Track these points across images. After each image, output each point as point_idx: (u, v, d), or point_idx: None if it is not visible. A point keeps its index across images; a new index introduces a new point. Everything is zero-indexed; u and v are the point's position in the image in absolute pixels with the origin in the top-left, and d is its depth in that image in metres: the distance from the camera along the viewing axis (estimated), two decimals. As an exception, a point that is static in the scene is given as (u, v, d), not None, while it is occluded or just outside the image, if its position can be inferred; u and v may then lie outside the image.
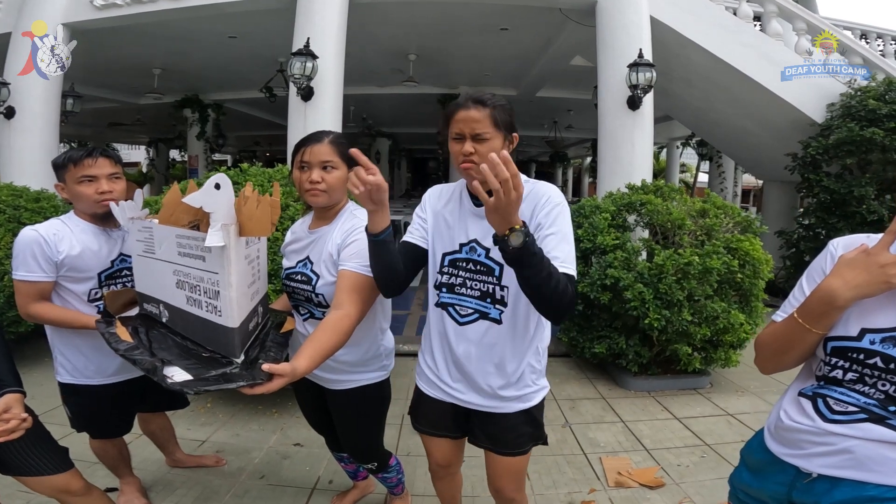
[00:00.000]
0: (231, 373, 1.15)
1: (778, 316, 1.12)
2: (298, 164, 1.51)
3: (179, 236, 1.28)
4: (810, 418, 1.02)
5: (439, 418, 1.52)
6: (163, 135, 14.26)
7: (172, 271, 1.33)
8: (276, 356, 1.29)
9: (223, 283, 1.17)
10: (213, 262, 1.18)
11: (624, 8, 4.80)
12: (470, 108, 1.30)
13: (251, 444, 2.72)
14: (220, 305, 1.20)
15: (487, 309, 1.37)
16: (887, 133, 5.09)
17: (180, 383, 1.08)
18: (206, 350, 1.27)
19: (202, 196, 1.13)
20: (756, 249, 3.39)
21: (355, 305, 1.37)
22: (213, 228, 1.13)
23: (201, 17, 5.53)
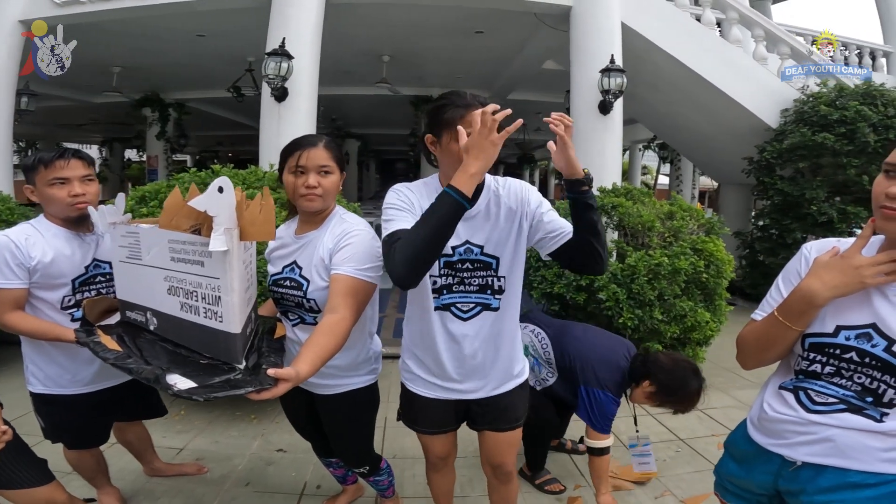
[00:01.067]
0: (236, 379, 1.14)
1: (757, 315, 1.19)
2: (292, 169, 1.48)
3: (172, 241, 1.25)
4: (793, 409, 1.08)
5: (440, 416, 1.55)
6: (118, 134, 13.71)
7: (163, 277, 1.30)
8: (277, 361, 1.29)
9: (225, 289, 1.16)
10: (214, 267, 1.16)
11: (597, 14, 4.93)
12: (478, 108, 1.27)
13: (232, 450, 2.66)
14: (222, 311, 1.18)
15: (488, 300, 1.44)
16: (837, 138, 5.37)
17: (186, 391, 1.06)
18: (204, 357, 1.24)
19: (206, 200, 1.13)
20: (720, 250, 3.55)
21: (350, 309, 1.37)
22: (216, 233, 1.11)
23: (169, 15, 5.39)
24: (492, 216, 1.41)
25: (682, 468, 2.60)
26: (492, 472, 1.64)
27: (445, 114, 1.33)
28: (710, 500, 2.29)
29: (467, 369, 1.47)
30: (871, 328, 1.00)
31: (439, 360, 1.46)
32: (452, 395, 1.50)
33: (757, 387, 3.57)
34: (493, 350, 1.47)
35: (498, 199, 1.42)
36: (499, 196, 1.42)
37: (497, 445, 1.58)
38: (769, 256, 5.99)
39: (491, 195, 1.42)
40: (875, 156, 5.39)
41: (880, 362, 0.98)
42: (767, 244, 6.10)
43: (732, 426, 3.02)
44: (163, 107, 9.95)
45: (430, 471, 1.72)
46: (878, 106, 5.48)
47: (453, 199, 1.17)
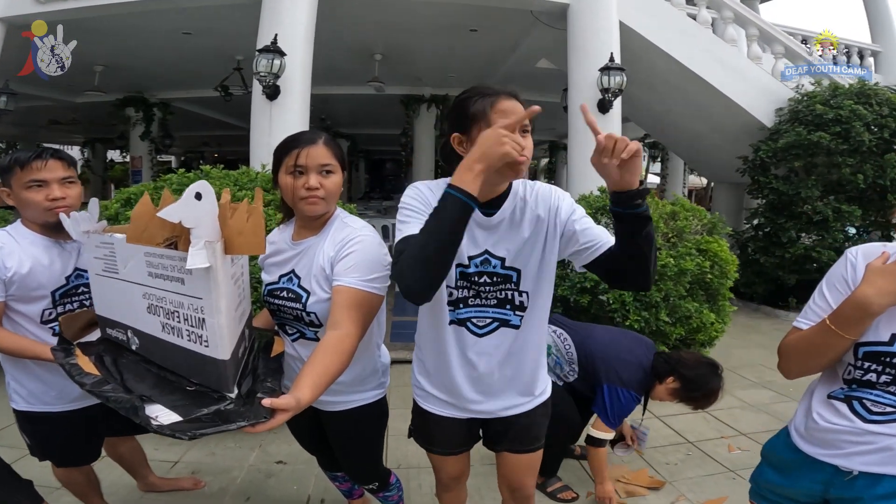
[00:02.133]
0: (227, 410, 1.00)
1: (801, 323, 1.15)
2: (289, 169, 1.34)
3: (149, 255, 1.11)
4: (848, 419, 1.06)
5: (454, 436, 1.45)
6: (100, 134, 13.39)
7: (142, 294, 1.16)
8: (273, 386, 1.15)
9: (209, 310, 1.02)
10: (196, 286, 1.02)
11: (596, 12, 4.86)
12: (510, 99, 1.17)
13: (230, 462, 2.54)
14: (207, 335, 1.04)
15: (507, 316, 1.31)
16: (833, 137, 5.38)
17: (169, 426, 0.93)
18: (192, 383, 1.11)
19: (180, 208, 0.97)
20: (724, 250, 3.52)
21: (355, 324, 1.24)
22: (194, 247, 0.96)
23: (153, 12, 5.24)
24: (516, 225, 1.27)
25: (693, 471, 2.56)
26: (510, 494, 1.54)
27: (473, 106, 1.18)
28: (728, 504, 2.27)
29: (482, 388, 1.35)
30: None
31: (452, 379, 1.35)
32: (467, 414, 1.39)
33: (760, 387, 3.55)
34: (512, 369, 1.35)
35: (524, 206, 1.27)
36: (525, 203, 1.27)
37: (516, 468, 1.48)
38: (763, 255, 5.99)
39: (518, 202, 1.28)
40: (869, 154, 5.43)
41: None
42: (762, 243, 6.10)
43: (739, 427, 2.99)
44: (147, 106, 9.68)
45: (442, 491, 1.62)
46: (872, 105, 5.51)
47: (458, 200, 1.03)
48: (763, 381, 3.90)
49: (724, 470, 2.58)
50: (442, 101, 9.31)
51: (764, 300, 6.11)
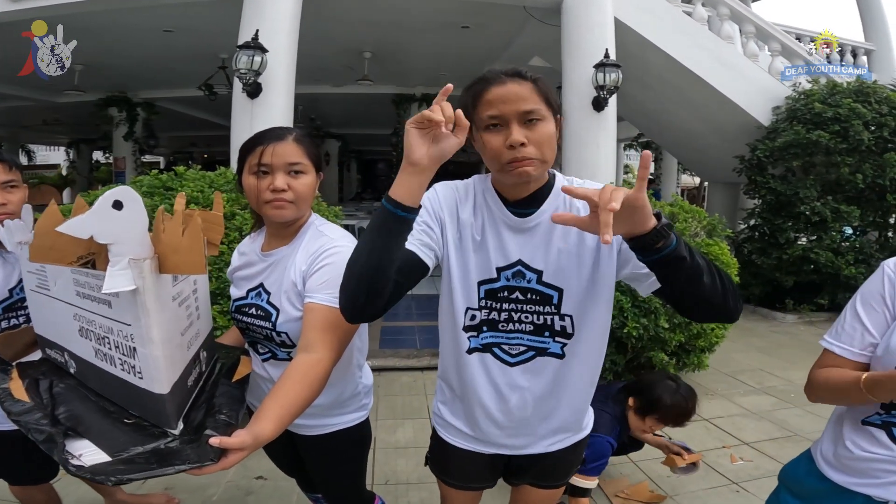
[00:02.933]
0: (167, 449, 0.86)
1: (832, 345, 1.08)
2: (253, 168, 1.19)
3: (76, 272, 0.96)
4: (887, 448, 1.00)
5: (474, 471, 1.28)
6: (85, 135, 13.19)
7: (73, 315, 1.01)
8: (229, 418, 0.99)
9: (139, 339, 0.86)
10: (124, 311, 0.86)
11: (590, 7, 4.75)
12: (507, 83, 0.95)
13: (205, 478, 2.40)
14: (140, 366, 0.89)
15: (546, 344, 1.09)
16: (832, 136, 5.31)
17: (90, 469, 0.78)
18: (131, 415, 0.96)
19: (92, 221, 0.80)
20: (724, 253, 3.44)
21: (328, 347, 1.09)
22: (113, 266, 0.81)
23: (133, 10, 5.09)
24: (557, 232, 1.04)
25: (696, 485, 2.45)
26: None
27: (471, 90, 1.00)
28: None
29: (512, 424, 1.15)
30: None
31: (475, 413, 1.16)
32: (492, 449, 1.21)
33: (760, 392, 3.43)
34: (550, 406, 1.14)
35: (570, 207, 1.04)
36: (573, 203, 1.04)
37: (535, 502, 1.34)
38: (761, 256, 5.92)
39: (561, 201, 1.05)
40: (868, 154, 5.38)
41: None
42: (759, 244, 6.03)
43: (742, 436, 2.88)
44: (130, 106, 9.52)
45: None
46: (871, 103, 5.46)
47: (381, 207, 0.89)
48: (763, 386, 3.83)
49: (727, 482, 2.50)
50: (433, 100, 9.23)
51: (761, 302, 6.04)
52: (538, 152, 0.96)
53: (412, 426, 2.98)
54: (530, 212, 1.05)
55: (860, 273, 5.38)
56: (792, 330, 5.38)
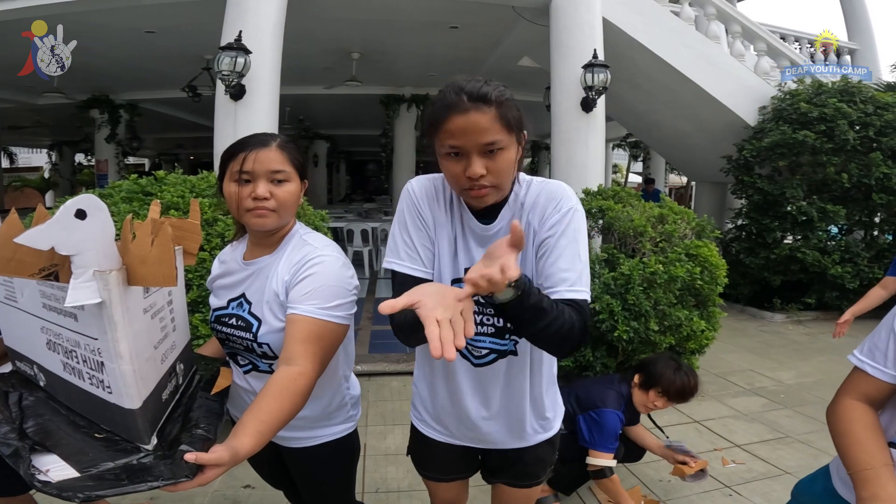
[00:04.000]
0: (139, 464, 0.83)
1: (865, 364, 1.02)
2: (234, 175, 1.15)
3: (41, 283, 0.92)
4: None
5: (449, 462, 1.37)
6: (67, 137, 12.98)
7: (40, 328, 0.97)
8: (206, 432, 0.95)
9: (107, 354, 0.82)
10: (89, 325, 0.82)
11: (578, 7, 4.73)
12: (470, 112, 0.95)
13: (191, 489, 2.32)
14: (109, 380, 0.85)
15: (505, 345, 1.16)
16: (818, 136, 5.35)
17: (57, 485, 0.74)
18: (101, 430, 0.92)
19: (53, 231, 0.76)
20: (713, 255, 3.42)
21: (311, 360, 1.05)
22: (77, 279, 0.77)
23: (114, 10, 4.98)
24: None
25: (688, 489, 2.44)
26: None
27: (433, 115, 1.00)
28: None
29: (476, 416, 1.23)
30: None
31: (446, 409, 1.25)
32: (463, 442, 1.30)
33: (751, 393, 3.43)
34: (510, 400, 1.21)
35: (521, 212, 1.09)
36: (522, 208, 1.09)
37: (510, 501, 1.39)
38: (748, 256, 5.96)
39: (516, 208, 1.10)
40: (854, 153, 5.42)
41: None
42: (746, 244, 6.07)
43: (733, 438, 2.87)
44: (112, 108, 9.34)
45: None
46: (856, 103, 5.50)
47: None
48: (754, 387, 3.84)
49: (719, 486, 2.49)
50: (422, 100, 9.17)
51: (749, 301, 6.07)
52: (496, 180, 0.99)
53: (402, 432, 2.93)
54: (491, 221, 1.10)
55: (846, 272, 5.43)
56: (780, 329, 5.41)
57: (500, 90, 0.98)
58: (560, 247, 1.03)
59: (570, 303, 0.98)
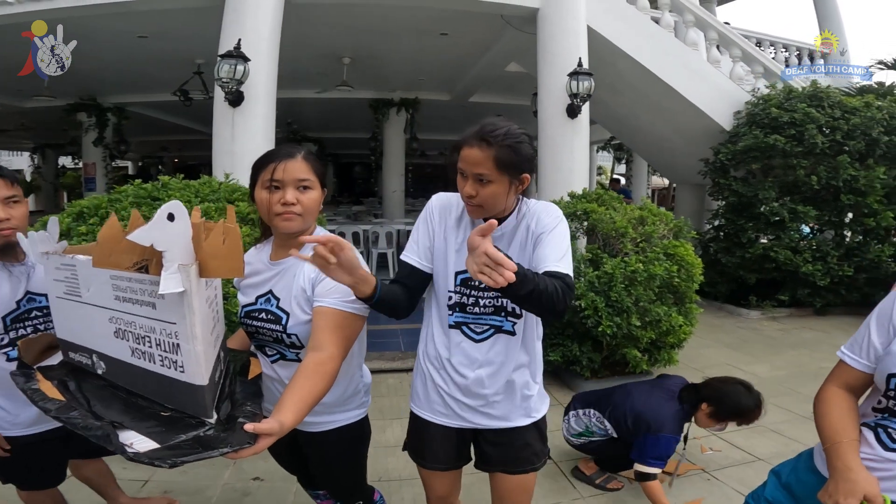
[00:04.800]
0: (207, 436, 0.96)
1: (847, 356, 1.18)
2: (265, 183, 1.30)
3: (115, 278, 1.05)
4: (871, 447, 1.10)
5: (445, 450, 1.47)
6: (51, 140, 12.82)
7: (108, 318, 1.10)
8: (254, 409, 1.11)
9: (184, 336, 0.97)
10: (169, 311, 0.97)
11: (564, 15, 4.89)
12: (473, 146, 1.24)
13: (203, 481, 2.44)
14: (182, 360, 0.99)
15: (501, 322, 1.38)
16: (788, 140, 5.57)
17: (146, 454, 0.87)
18: (166, 408, 1.06)
19: (152, 231, 0.91)
20: (689, 254, 3.60)
21: (337, 346, 1.21)
22: (167, 271, 0.91)
23: (104, 15, 5.02)
24: (512, 237, 1.37)
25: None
26: None
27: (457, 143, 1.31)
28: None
29: (476, 393, 1.40)
30: None
31: (447, 380, 1.41)
32: (457, 421, 1.43)
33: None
34: (503, 376, 1.40)
35: (521, 220, 1.37)
36: (523, 217, 1.37)
37: (508, 490, 1.48)
38: (725, 255, 6.14)
39: (518, 218, 1.37)
40: (823, 156, 5.61)
41: None
42: (723, 244, 6.26)
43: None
44: (100, 111, 9.31)
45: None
46: (825, 108, 5.71)
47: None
48: (732, 379, 4.01)
49: (698, 471, 2.64)
50: (411, 104, 9.28)
51: (727, 299, 6.26)
52: (482, 202, 1.27)
53: (400, 425, 3.05)
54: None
55: (817, 270, 5.63)
56: (756, 325, 5.61)
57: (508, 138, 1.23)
58: (549, 239, 1.30)
59: (553, 274, 1.21)
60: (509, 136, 1.23)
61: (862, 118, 5.62)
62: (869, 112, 5.68)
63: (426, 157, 18.86)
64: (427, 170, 23.08)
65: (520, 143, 1.24)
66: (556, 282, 1.18)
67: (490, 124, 1.24)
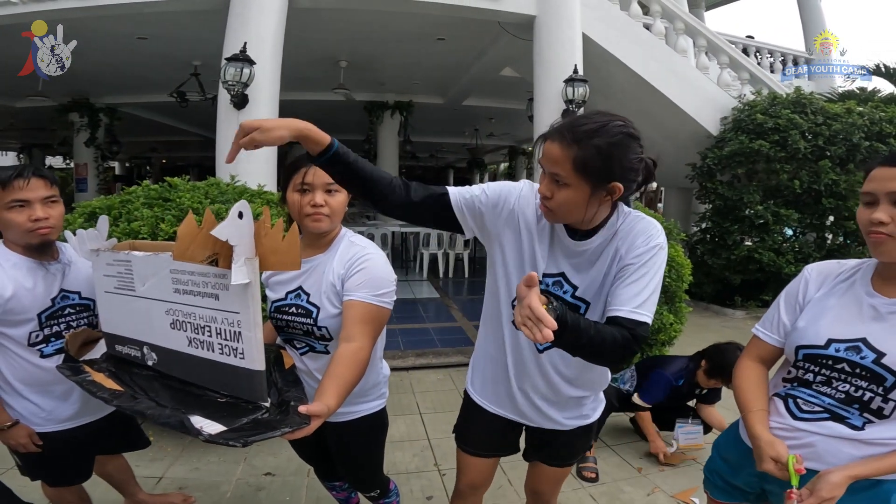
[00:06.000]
0: (265, 419, 1.04)
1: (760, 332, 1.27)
2: (297, 186, 1.39)
3: (176, 271, 1.13)
4: (781, 416, 1.17)
5: (493, 438, 1.48)
6: (38, 140, 12.64)
7: (165, 311, 1.18)
8: (300, 395, 1.19)
9: (247, 324, 1.05)
10: (233, 301, 1.05)
11: (560, 23, 5.00)
12: (553, 141, 1.06)
13: (216, 477, 2.50)
14: (243, 347, 1.07)
15: None
16: (772, 145, 5.73)
17: (219, 435, 0.95)
18: (221, 395, 1.13)
19: (228, 227, 1.01)
20: (679, 255, 3.74)
21: (367, 337, 1.30)
22: (237, 264, 1.00)
23: (109, 17, 5.02)
24: (597, 256, 1.20)
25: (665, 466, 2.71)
26: (532, 498, 1.62)
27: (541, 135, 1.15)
28: (698, 494, 2.41)
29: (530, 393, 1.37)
30: (860, 342, 1.09)
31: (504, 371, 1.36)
32: (511, 414, 1.41)
33: (716, 382, 3.62)
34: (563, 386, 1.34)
35: (613, 237, 1.18)
36: (615, 235, 1.18)
37: (542, 477, 1.54)
38: (711, 257, 6.30)
39: (608, 234, 1.19)
40: (805, 161, 5.79)
41: (868, 372, 1.06)
42: (710, 246, 6.42)
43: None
44: (92, 112, 9.25)
45: (456, 498, 1.62)
46: (807, 114, 5.89)
47: None
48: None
49: (691, 462, 2.76)
50: (406, 107, 9.35)
51: (713, 299, 6.42)
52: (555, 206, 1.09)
53: (404, 422, 3.16)
54: (583, 238, 1.19)
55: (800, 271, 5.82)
56: (741, 325, 5.76)
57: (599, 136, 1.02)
58: (633, 276, 1.11)
59: (623, 321, 1.06)
60: (601, 134, 1.02)
61: (843, 124, 5.81)
62: (850, 118, 5.87)
63: (417, 160, 18.97)
64: (418, 171, 23.20)
65: (614, 145, 1.02)
66: (617, 331, 1.04)
67: (583, 117, 1.05)
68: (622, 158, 1.05)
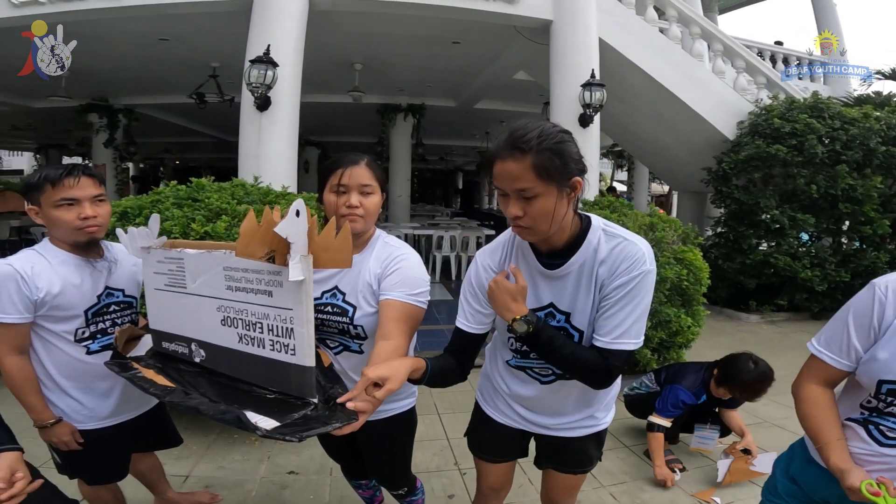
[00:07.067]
0: (315, 414, 1.06)
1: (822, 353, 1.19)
2: (333, 187, 1.42)
3: (229, 269, 1.17)
4: (866, 443, 1.14)
5: (504, 445, 1.51)
6: (55, 140, 12.82)
7: (216, 307, 1.21)
8: (343, 391, 1.22)
9: (299, 320, 1.08)
10: (286, 298, 1.08)
11: (577, 28, 5.01)
12: (506, 160, 1.07)
13: (241, 475, 2.54)
14: (294, 343, 1.10)
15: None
16: (789, 150, 5.71)
17: (276, 430, 0.97)
18: (270, 391, 1.16)
19: (288, 225, 1.03)
20: (697, 259, 3.75)
21: (404, 335, 1.33)
22: (293, 261, 1.03)
23: (131, 18, 5.08)
24: (584, 279, 1.21)
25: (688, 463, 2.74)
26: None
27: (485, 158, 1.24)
28: (717, 494, 2.45)
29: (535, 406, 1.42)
30: None
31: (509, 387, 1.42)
32: (519, 423, 1.45)
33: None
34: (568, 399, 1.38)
35: (594, 260, 1.19)
36: (596, 256, 1.19)
37: (555, 485, 1.54)
38: (726, 261, 6.28)
39: (588, 254, 1.20)
40: (822, 166, 5.76)
41: None
42: (724, 250, 6.40)
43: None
44: (111, 113, 9.38)
45: (480, 499, 1.65)
46: (825, 118, 5.87)
47: None
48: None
49: (710, 463, 2.76)
50: (418, 110, 9.39)
51: (727, 303, 6.40)
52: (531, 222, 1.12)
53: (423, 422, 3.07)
54: (561, 262, 1.22)
55: (815, 276, 5.78)
56: (755, 329, 5.75)
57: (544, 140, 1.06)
58: (618, 306, 1.15)
59: (601, 351, 1.17)
60: (545, 138, 1.06)
61: (860, 129, 5.78)
62: (867, 123, 5.84)
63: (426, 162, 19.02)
64: (427, 174, 23.25)
65: (560, 143, 1.07)
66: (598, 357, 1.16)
67: (519, 129, 1.08)
68: (571, 153, 1.11)
